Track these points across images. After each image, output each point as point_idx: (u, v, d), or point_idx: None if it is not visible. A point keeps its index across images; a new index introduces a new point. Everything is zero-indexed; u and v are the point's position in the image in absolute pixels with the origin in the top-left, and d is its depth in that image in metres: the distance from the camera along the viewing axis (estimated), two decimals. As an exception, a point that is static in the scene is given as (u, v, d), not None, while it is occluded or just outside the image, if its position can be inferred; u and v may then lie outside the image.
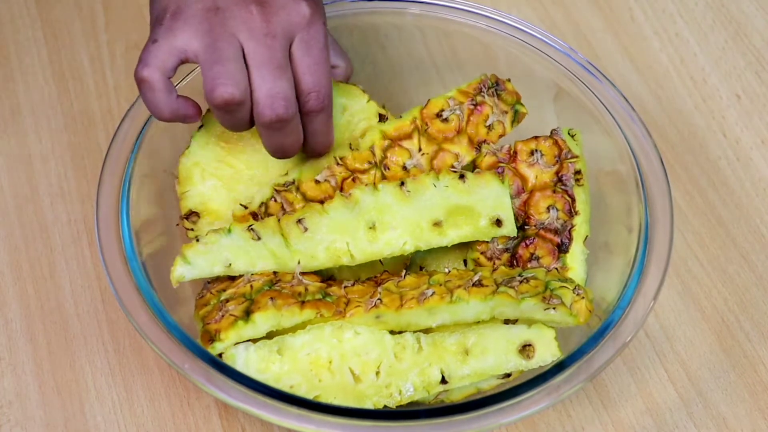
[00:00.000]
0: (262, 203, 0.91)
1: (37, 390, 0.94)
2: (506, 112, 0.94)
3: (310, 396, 0.84)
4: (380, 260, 0.91)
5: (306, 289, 0.87)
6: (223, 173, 0.93)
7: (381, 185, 0.90)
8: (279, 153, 0.88)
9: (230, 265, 0.88)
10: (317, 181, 0.91)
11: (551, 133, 0.93)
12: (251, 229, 0.89)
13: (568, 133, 0.94)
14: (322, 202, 0.90)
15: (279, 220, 0.89)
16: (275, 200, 0.91)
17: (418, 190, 0.90)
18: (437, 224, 0.90)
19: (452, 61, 1.06)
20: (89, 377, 0.94)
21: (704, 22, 1.16)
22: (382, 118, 0.95)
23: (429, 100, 0.94)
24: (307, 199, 0.91)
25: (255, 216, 0.91)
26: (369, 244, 0.89)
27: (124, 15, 1.12)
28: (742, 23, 1.16)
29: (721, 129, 1.09)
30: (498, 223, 0.91)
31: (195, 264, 0.88)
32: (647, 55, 1.14)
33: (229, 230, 0.88)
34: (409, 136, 0.93)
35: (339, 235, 0.89)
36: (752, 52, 1.14)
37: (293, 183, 0.91)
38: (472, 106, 0.93)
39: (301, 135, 0.88)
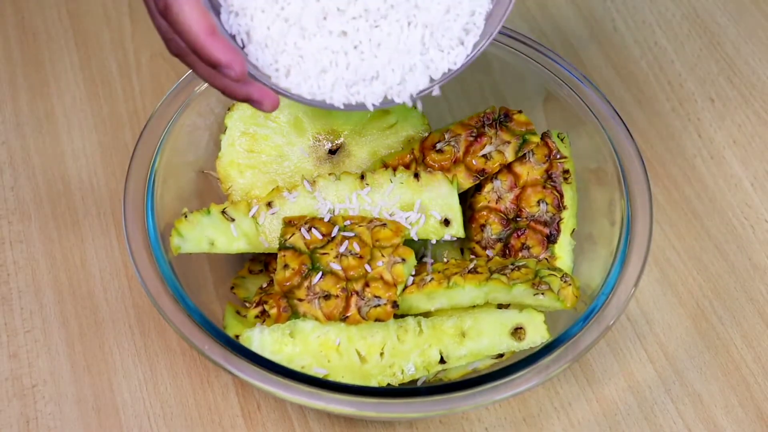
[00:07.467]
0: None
1: (69, 369, 0.95)
2: (509, 142, 0.93)
3: (319, 375, 0.85)
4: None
5: None
6: (256, 161, 0.94)
7: (343, 176, 0.90)
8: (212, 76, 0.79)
9: (213, 243, 0.89)
10: None
11: (542, 135, 0.94)
12: (224, 212, 0.90)
13: (558, 136, 0.95)
14: None
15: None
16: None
17: (376, 185, 0.90)
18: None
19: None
20: (117, 357, 0.96)
21: (681, 32, 1.17)
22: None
23: (430, 132, 0.95)
24: None
25: None
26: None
27: (149, 26, 0.97)
28: (716, 33, 1.17)
29: (697, 130, 1.10)
30: (446, 222, 0.90)
31: (187, 237, 0.88)
32: (628, 62, 1.15)
33: (208, 211, 0.89)
34: (407, 166, 0.94)
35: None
36: (725, 59, 1.15)
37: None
38: (471, 138, 0.93)
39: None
